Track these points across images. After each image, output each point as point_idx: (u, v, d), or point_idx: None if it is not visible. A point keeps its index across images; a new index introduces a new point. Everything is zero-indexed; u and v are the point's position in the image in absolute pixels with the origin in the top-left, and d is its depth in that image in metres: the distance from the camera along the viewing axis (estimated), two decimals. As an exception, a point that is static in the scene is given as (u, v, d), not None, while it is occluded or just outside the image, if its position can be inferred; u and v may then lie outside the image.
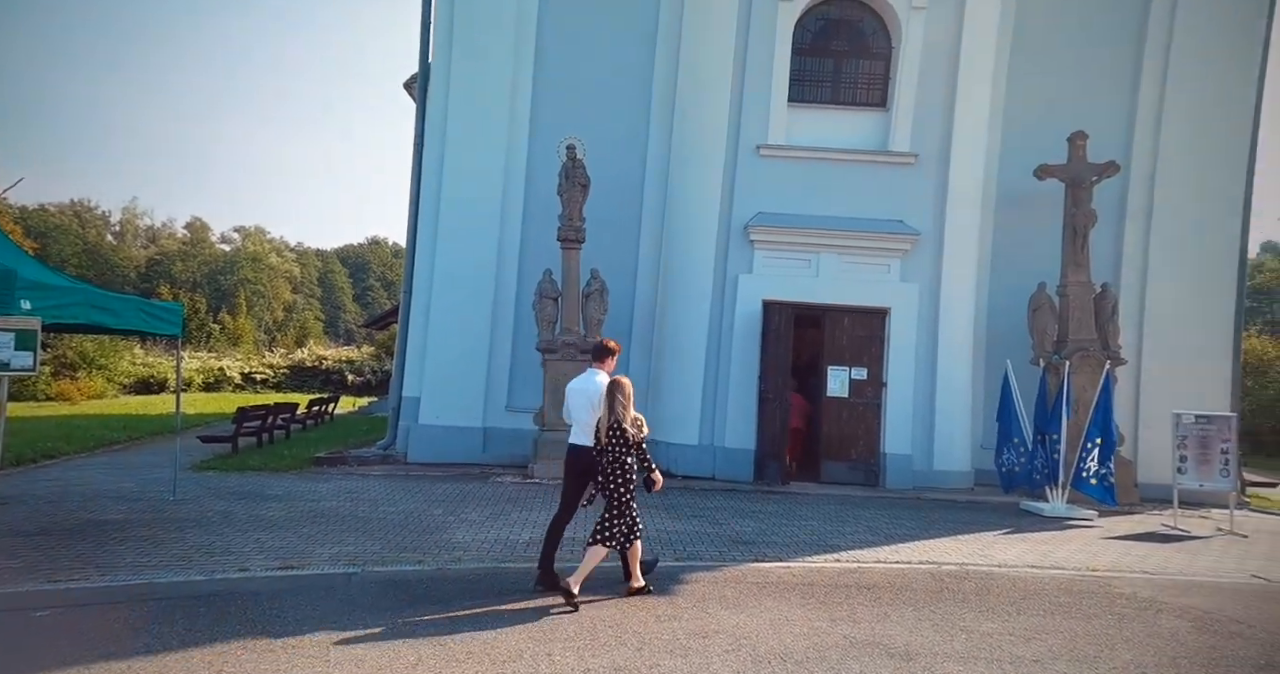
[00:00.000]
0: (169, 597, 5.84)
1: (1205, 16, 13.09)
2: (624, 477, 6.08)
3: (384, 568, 6.68)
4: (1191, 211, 13.17)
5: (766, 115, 12.57)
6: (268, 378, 35.86)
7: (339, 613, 5.53)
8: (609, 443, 6.09)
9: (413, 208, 13.93)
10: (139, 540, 7.33)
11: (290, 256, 76.62)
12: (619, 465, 6.09)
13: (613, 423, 6.08)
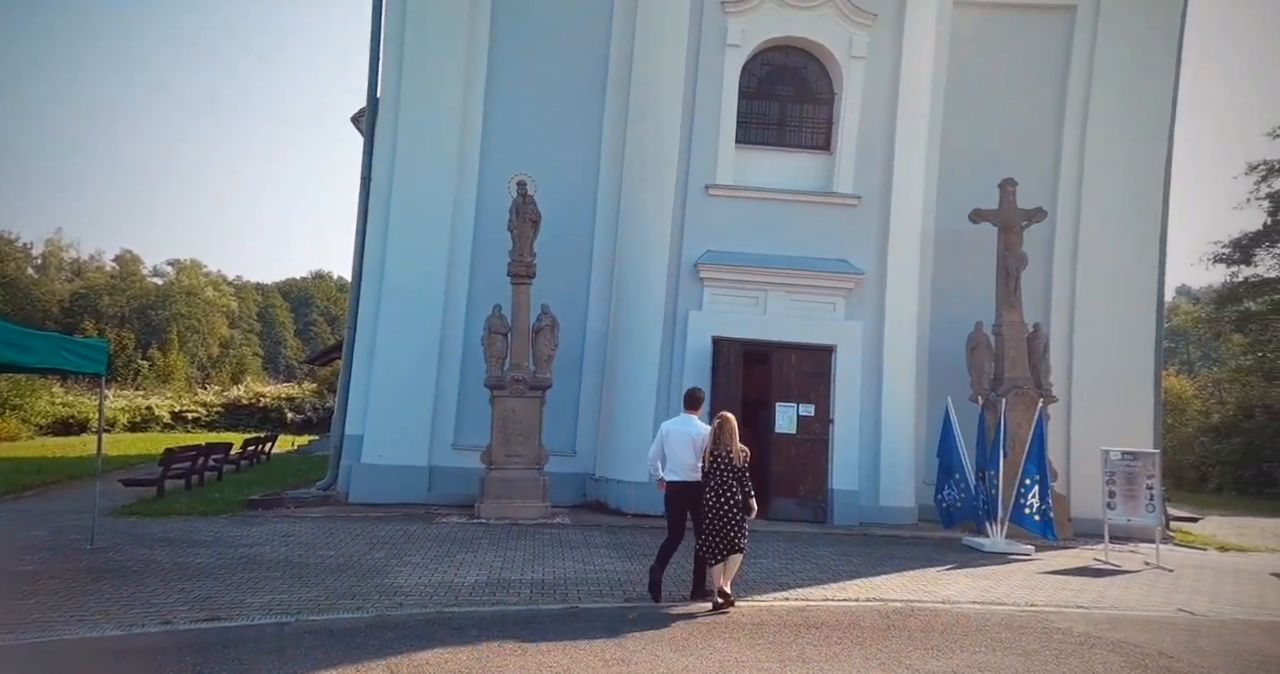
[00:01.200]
0: (81, 655, 5.42)
1: (1119, 76, 13.86)
2: (730, 498, 7.10)
3: (319, 617, 6.40)
4: (1112, 256, 13.79)
5: (715, 156, 12.83)
6: (200, 417, 34.67)
7: (270, 666, 5.21)
8: (713, 468, 7.18)
9: (359, 241, 13.75)
10: (49, 594, 6.84)
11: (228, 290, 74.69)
12: (725, 488, 7.12)
13: (722, 453, 7.19)
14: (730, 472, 7.14)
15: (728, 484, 7.11)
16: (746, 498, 7.17)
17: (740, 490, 7.15)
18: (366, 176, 13.68)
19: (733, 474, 7.14)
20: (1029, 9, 13.98)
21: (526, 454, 11.97)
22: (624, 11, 13.49)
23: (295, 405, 36.20)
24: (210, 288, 71.03)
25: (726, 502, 7.09)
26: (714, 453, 7.21)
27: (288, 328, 80.00)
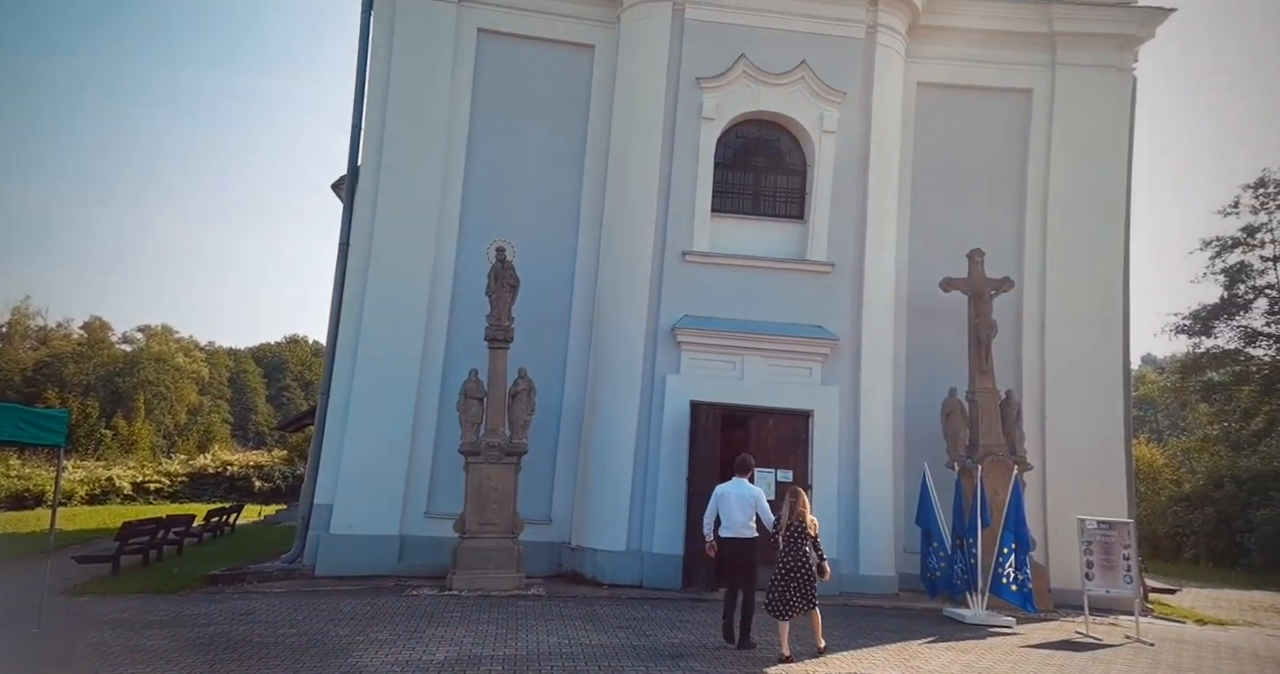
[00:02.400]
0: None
1: (1074, 154, 14.36)
2: (804, 561, 8.11)
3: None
4: (1078, 326, 14.07)
5: (691, 224, 13.09)
6: (163, 487, 33.59)
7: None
8: (789, 534, 8.24)
9: (335, 306, 13.70)
10: (-13, 684, 6.42)
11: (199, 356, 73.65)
12: (800, 553, 8.15)
13: (794, 520, 8.24)
14: (804, 538, 8.23)
15: (801, 550, 8.19)
16: (821, 561, 8.31)
17: (815, 554, 8.24)
18: (345, 242, 13.73)
19: (806, 540, 8.23)
20: (988, 91, 14.59)
21: (501, 522, 11.72)
22: (603, 84, 13.92)
23: (263, 473, 35.30)
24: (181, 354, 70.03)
25: (802, 565, 8.14)
26: (790, 522, 8.30)
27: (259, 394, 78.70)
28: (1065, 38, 14.33)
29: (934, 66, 14.37)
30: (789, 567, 8.16)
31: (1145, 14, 14.34)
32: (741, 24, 13.25)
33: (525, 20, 13.80)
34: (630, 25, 13.58)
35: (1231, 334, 29.12)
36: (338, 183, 15.39)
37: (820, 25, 13.40)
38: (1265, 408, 28.25)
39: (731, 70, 13.17)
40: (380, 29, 13.61)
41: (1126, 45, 14.56)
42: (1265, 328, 28.60)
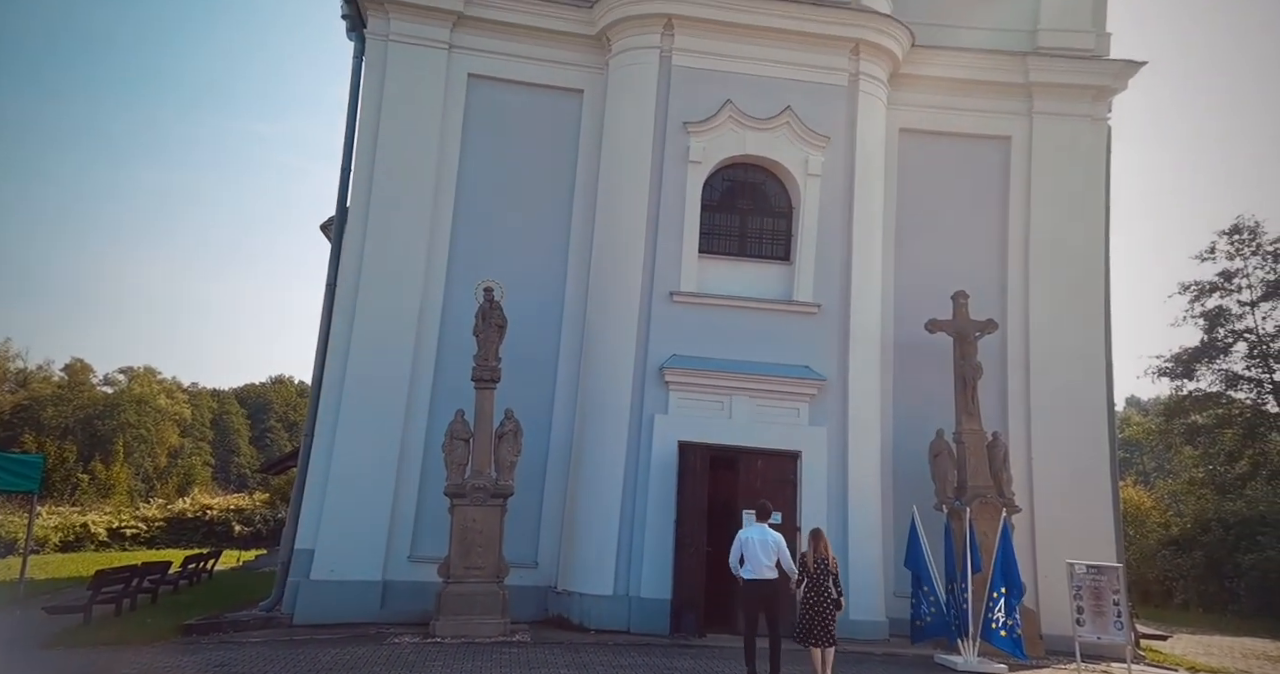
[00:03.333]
0: None
1: (1053, 199, 14.62)
2: (825, 596, 9.04)
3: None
4: (1062, 368, 14.17)
5: (679, 265, 13.20)
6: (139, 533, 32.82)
7: None
8: (815, 571, 9.11)
9: (320, 347, 13.63)
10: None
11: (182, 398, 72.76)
12: (822, 589, 9.05)
13: (818, 558, 9.17)
14: (826, 575, 9.13)
15: (825, 585, 9.09)
16: (839, 596, 9.16)
17: (834, 589, 9.13)
18: (332, 282, 13.72)
19: (828, 577, 9.12)
20: (968, 137, 14.90)
21: (486, 566, 11.53)
22: (591, 127, 14.12)
23: (244, 517, 34.62)
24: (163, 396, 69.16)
25: (825, 599, 9.05)
26: (815, 558, 9.18)
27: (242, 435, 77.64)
28: (1041, 88, 14.71)
29: (915, 113, 14.70)
30: (814, 601, 9.01)
31: (1118, 67, 14.77)
32: (727, 71, 13.55)
33: (515, 66, 14.06)
34: (618, 71, 13.86)
35: (1213, 377, 29.38)
36: (326, 223, 15.47)
37: (804, 73, 13.73)
38: (1248, 451, 28.39)
39: (718, 115, 13.43)
40: (372, 73, 13.82)
41: (1100, 96, 14.96)
42: (1245, 371, 28.89)
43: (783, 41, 13.61)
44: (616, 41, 13.79)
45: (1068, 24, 14.93)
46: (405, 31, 13.69)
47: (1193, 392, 29.39)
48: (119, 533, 32.35)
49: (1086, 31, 14.98)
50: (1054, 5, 15.00)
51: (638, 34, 13.56)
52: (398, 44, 13.71)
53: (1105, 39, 15.12)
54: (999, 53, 14.67)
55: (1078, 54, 14.79)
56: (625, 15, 13.51)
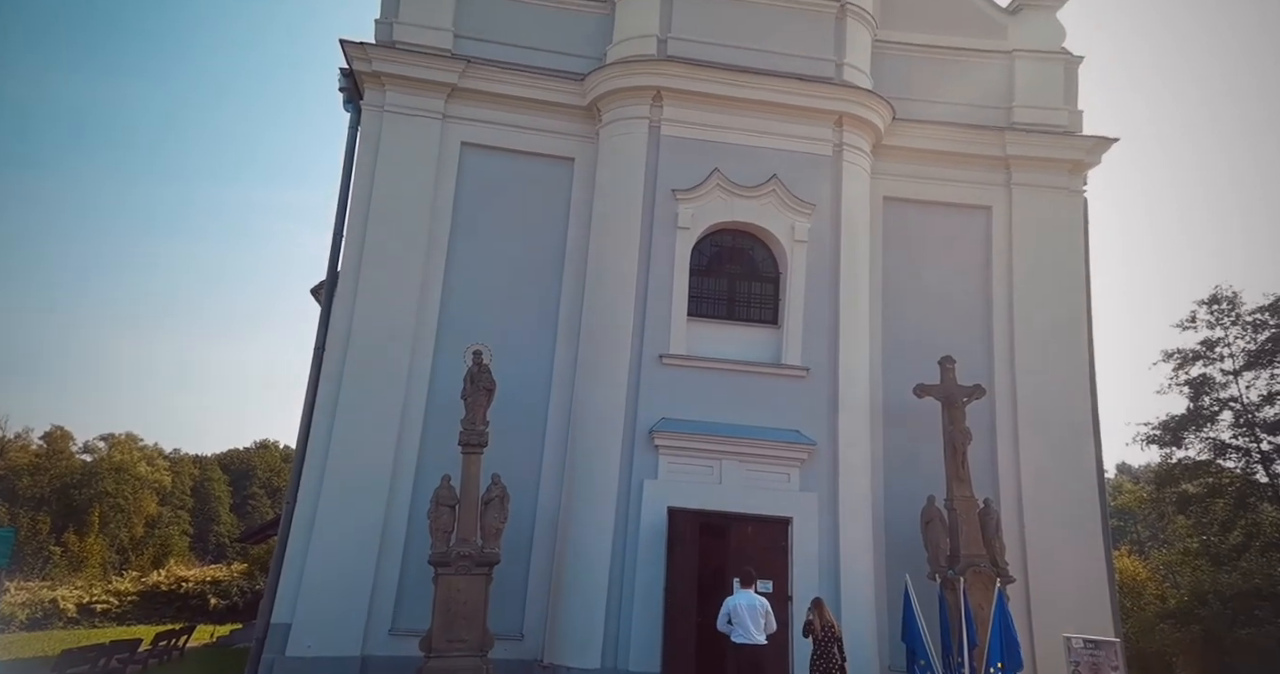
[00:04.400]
0: None
1: (1034, 267, 14.89)
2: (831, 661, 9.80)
3: None
4: (1050, 434, 14.19)
5: (668, 327, 13.27)
6: (110, 608, 31.68)
7: None
8: (823, 636, 9.99)
9: (306, 411, 13.51)
10: None
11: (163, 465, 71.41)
12: (829, 654, 9.88)
13: (825, 624, 10.07)
14: (832, 640, 9.88)
15: (831, 651, 9.85)
16: (843, 662, 9.89)
17: (840, 655, 9.87)
18: (321, 346, 13.70)
19: (834, 643, 9.87)
20: (950, 206, 15.25)
21: (470, 639, 11.18)
22: (582, 193, 14.37)
23: (220, 589, 33.54)
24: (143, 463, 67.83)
25: (830, 665, 9.79)
26: (821, 624, 10.05)
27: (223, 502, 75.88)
28: (1018, 161, 15.16)
29: (899, 182, 15.07)
30: (822, 668, 9.75)
31: (1091, 142, 15.27)
32: (715, 141, 13.91)
33: (508, 135, 14.39)
34: (609, 140, 14.20)
35: (1201, 445, 29.38)
36: (316, 288, 15.53)
37: (789, 143, 14.11)
38: (1241, 522, 28.17)
39: (705, 183, 13.74)
40: (366, 141, 14.10)
41: (1076, 169, 15.41)
42: (1233, 440, 28.93)
43: (768, 113, 14.04)
44: (607, 112, 14.19)
45: (1041, 102, 15.50)
46: (401, 103, 14.05)
47: (1182, 460, 29.33)
48: (89, 608, 31.24)
49: (1059, 108, 15.54)
50: (1027, 84, 15.58)
51: (628, 105, 13.96)
52: (393, 114, 14.04)
53: (1078, 116, 15.66)
54: (977, 127, 15.17)
55: (1051, 130, 15.30)
56: (616, 88, 13.94)
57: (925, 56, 15.50)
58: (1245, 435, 28.63)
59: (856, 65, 14.52)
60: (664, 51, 13.97)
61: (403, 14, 14.30)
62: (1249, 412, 28.55)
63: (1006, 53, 15.68)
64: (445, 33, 14.26)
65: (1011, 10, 16.00)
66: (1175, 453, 29.47)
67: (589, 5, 14.85)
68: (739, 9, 14.35)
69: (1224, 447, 28.90)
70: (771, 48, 14.14)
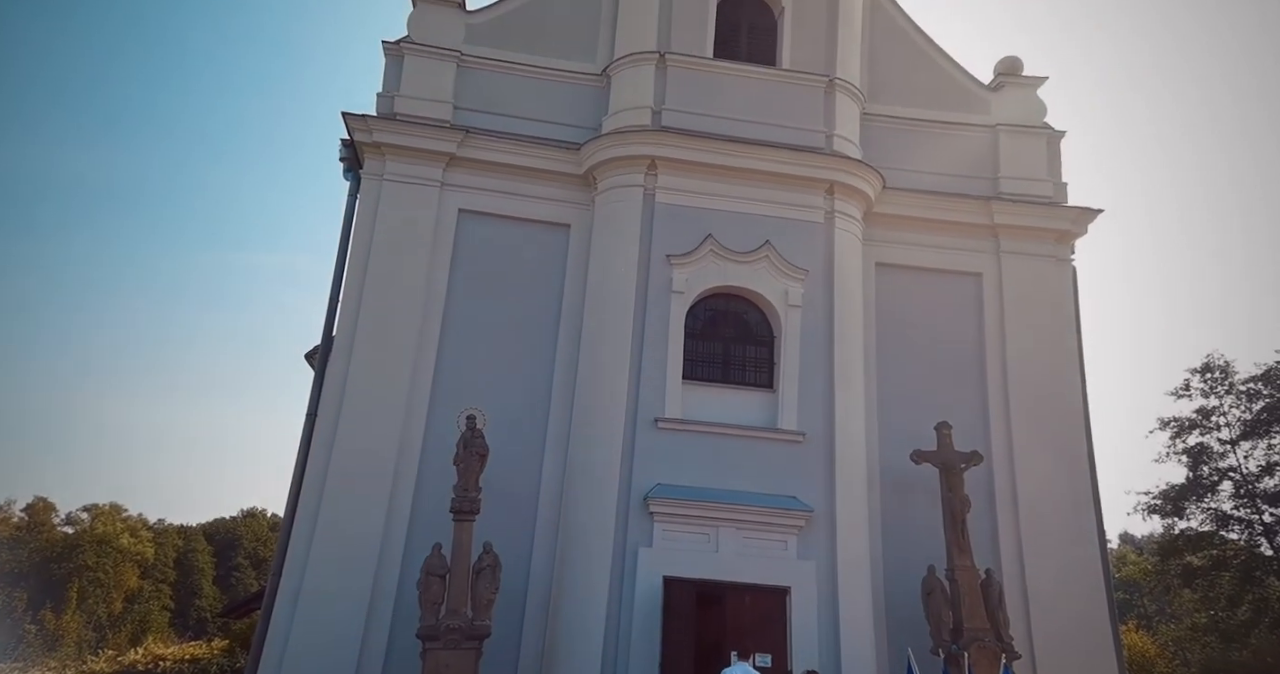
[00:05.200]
0: None
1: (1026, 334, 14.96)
2: None
3: None
4: (1049, 501, 14.05)
5: (663, 391, 13.24)
6: (80, 691, 30.43)
7: None
8: None
9: (296, 479, 13.32)
10: None
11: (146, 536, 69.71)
12: None
13: None
14: None
15: None
16: None
17: None
18: (313, 412, 13.60)
19: None
20: (941, 272, 15.43)
21: (459, 715, 10.73)
22: (578, 259, 14.50)
23: (200, 668, 32.27)
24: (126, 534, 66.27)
25: None
26: None
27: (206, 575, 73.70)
28: (1006, 230, 15.40)
29: (890, 249, 15.27)
30: None
31: (1076, 213, 15.58)
32: (708, 208, 14.15)
33: (505, 202, 14.61)
34: (604, 207, 14.42)
35: (1203, 516, 29.01)
36: (311, 352, 15.51)
37: (781, 210, 14.35)
38: (1248, 596, 27.60)
39: (699, 248, 13.91)
40: (365, 208, 14.32)
41: (1062, 239, 15.68)
42: (1235, 511, 28.59)
43: (761, 182, 14.33)
44: (603, 180, 14.46)
45: (1025, 173, 15.84)
46: (400, 171, 14.31)
47: (1184, 531, 28.92)
48: (60, 691, 29.99)
49: (1044, 180, 15.89)
50: (1011, 156, 15.94)
51: (623, 173, 14.25)
52: (392, 183, 14.30)
53: (1062, 187, 15.99)
54: (964, 197, 15.46)
55: (1037, 200, 15.61)
56: (611, 157, 14.25)
57: (912, 129, 15.94)
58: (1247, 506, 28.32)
59: (846, 136, 14.91)
60: (658, 122, 14.36)
61: (404, 87, 14.72)
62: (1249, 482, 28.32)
63: (990, 126, 16.13)
64: (445, 104, 14.66)
65: (993, 87, 16.53)
66: (1177, 523, 29.12)
67: (585, 78, 15.34)
68: (730, 82, 14.82)
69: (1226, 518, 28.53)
70: (763, 119, 14.55)
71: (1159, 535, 31.57)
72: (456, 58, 14.94)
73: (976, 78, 16.62)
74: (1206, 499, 28.87)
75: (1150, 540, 38.54)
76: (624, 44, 15.05)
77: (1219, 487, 28.78)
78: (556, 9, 15.67)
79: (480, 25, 15.38)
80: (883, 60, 16.15)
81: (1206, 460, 28.89)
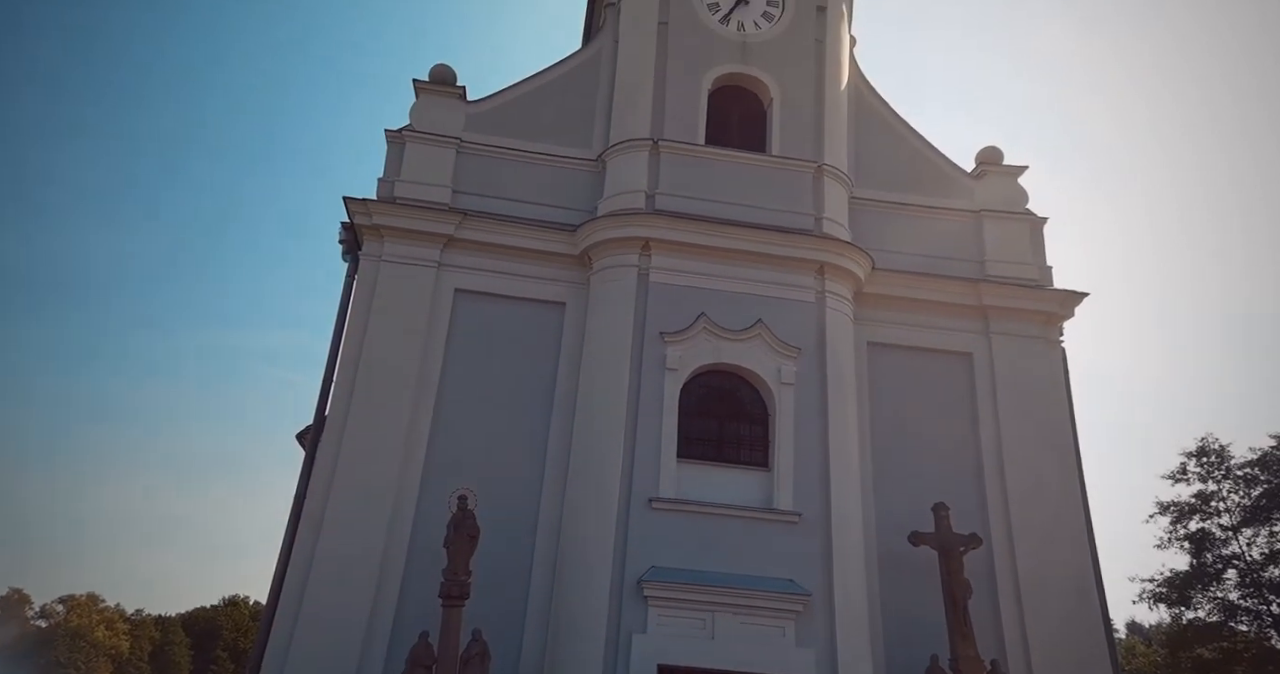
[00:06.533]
0: None
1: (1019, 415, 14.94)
2: None
3: None
4: (1052, 587, 13.73)
5: (657, 470, 13.10)
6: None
7: None
8: None
9: (281, 563, 12.99)
10: None
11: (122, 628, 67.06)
12: None
13: None
14: None
15: None
16: None
17: None
18: (301, 494, 13.39)
19: None
20: (933, 352, 15.51)
21: None
22: (572, 337, 14.58)
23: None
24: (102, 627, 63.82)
25: None
26: None
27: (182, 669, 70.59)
28: (995, 311, 15.56)
29: (882, 328, 15.39)
30: None
31: (1062, 296, 15.82)
32: (701, 287, 14.33)
33: (502, 282, 14.81)
34: (599, 286, 14.60)
35: (1211, 606, 28.34)
36: (302, 433, 15.38)
37: (773, 289, 14.53)
38: (1263, 692, 26.71)
39: (693, 327, 14.02)
40: (362, 289, 14.46)
41: (1050, 321, 15.83)
42: (1242, 602, 27.95)
43: (752, 262, 14.56)
44: (598, 260, 14.70)
45: (1010, 256, 16.14)
46: (398, 253, 14.55)
47: (1192, 621, 28.20)
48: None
49: (1028, 263, 16.20)
50: (996, 240, 16.28)
51: (618, 254, 14.49)
52: (390, 263, 14.50)
53: (1047, 271, 16.27)
54: (953, 278, 15.69)
55: (1024, 283, 15.87)
56: (607, 238, 14.52)
57: (899, 212, 16.34)
58: (1254, 597, 27.73)
59: (835, 218, 15.27)
60: (652, 205, 14.72)
61: (405, 172, 15.15)
62: (1254, 571, 27.81)
63: (974, 211, 16.55)
64: (444, 188, 15.04)
65: (976, 175, 17.07)
66: (1184, 613, 28.40)
67: (581, 163, 15.82)
68: (722, 167, 15.28)
69: (1234, 608, 27.89)
70: (754, 202, 14.93)
71: (1167, 625, 30.72)
72: (456, 144, 15.45)
73: (959, 165, 17.18)
74: (1212, 588, 28.28)
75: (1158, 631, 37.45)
76: (619, 131, 15.60)
77: (1224, 575, 28.24)
78: (554, 99, 16.32)
79: (480, 114, 15.96)
80: (868, 148, 16.72)
81: (1209, 547, 28.46)
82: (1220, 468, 28.90)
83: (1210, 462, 29.04)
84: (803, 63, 16.30)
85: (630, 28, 16.38)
